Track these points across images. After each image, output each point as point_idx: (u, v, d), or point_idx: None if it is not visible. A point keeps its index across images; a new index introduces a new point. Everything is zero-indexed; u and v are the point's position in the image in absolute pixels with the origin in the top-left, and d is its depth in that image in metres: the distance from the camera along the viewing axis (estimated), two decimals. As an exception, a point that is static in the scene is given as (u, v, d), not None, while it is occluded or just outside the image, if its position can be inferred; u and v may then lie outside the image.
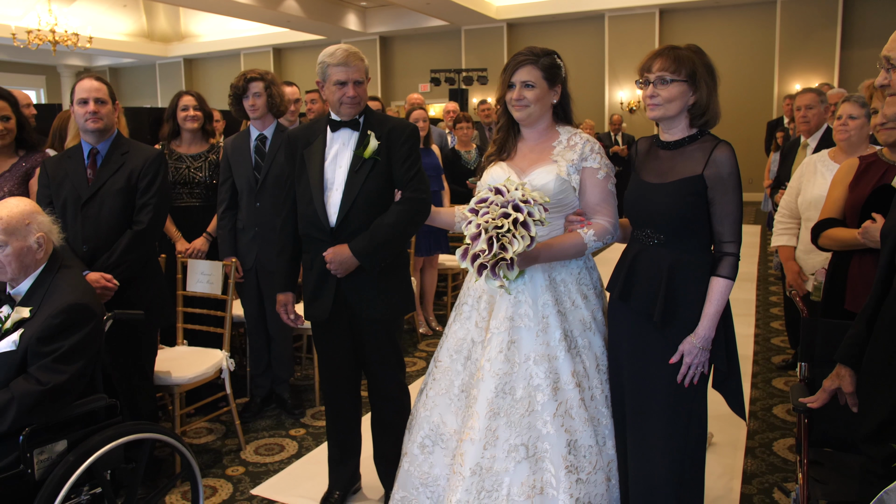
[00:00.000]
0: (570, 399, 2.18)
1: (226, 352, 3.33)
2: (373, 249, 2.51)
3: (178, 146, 3.85)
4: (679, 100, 2.04)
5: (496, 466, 2.15)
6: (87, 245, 2.79)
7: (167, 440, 2.35)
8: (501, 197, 2.00)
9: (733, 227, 2.03)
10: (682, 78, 2.02)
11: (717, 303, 2.02)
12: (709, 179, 2.01)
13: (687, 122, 2.09)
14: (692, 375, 2.03)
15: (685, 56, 2.03)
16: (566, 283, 2.28)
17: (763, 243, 8.83)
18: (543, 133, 2.33)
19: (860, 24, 12.41)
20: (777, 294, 6.27)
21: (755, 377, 4.21)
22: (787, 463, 3.13)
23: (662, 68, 2.03)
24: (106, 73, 20.47)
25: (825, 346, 2.32)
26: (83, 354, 2.15)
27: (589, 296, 2.31)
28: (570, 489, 2.11)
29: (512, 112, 2.30)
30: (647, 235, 2.12)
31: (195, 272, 3.49)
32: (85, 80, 2.87)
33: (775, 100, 12.80)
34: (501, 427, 2.17)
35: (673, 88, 2.02)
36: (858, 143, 3.18)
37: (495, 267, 1.98)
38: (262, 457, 3.31)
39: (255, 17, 14.36)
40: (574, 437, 2.16)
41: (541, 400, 2.17)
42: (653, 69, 2.05)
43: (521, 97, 2.25)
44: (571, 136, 2.30)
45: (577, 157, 2.26)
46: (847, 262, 2.63)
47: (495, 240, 1.96)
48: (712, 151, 2.02)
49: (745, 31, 13.20)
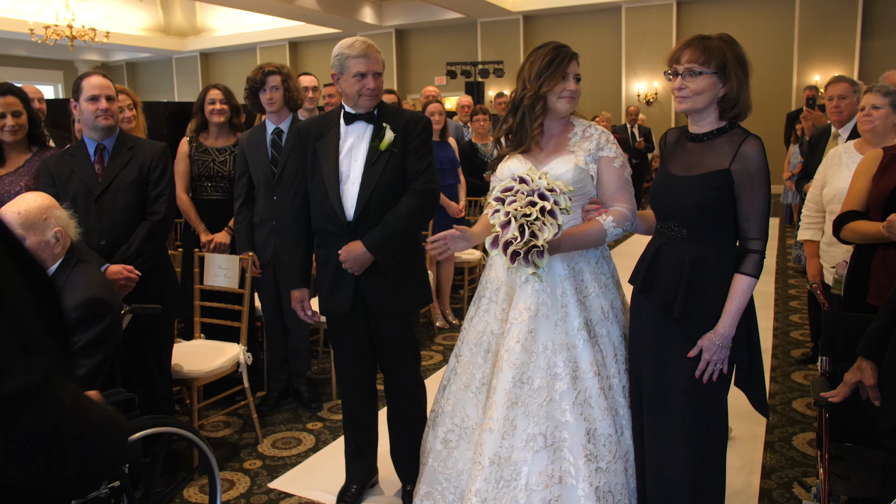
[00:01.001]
0: (590, 388, 2.18)
1: (243, 346, 3.34)
2: (386, 243, 2.50)
3: (206, 139, 3.87)
4: (708, 92, 1.99)
5: (514, 456, 2.16)
6: (104, 238, 2.81)
7: (185, 434, 2.36)
8: (526, 186, 2.02)
9: (759, 224, 1.97)
10: (711, 70, 1.97)
11: (739, 300, 1.97)
12: (735, 174, 1.97)
13: (716, 114, 2.04)
14: (710, 372, 1.99)
15: (715, 47, 1.98)
16: (584, 273, 2.29)
17: (782, 235, 8.73)
18: (563, 125, 2.34)
19: (881, 13, 12.18)
20: (796, 287, 6.20)
21: (774, 371, 4.17)
22: (807, 458, 3.09)
23: (691, 60, 1.98)
24: (122, 67, 20.64)
25: (846, 339, 2.28)
26: (101, 348, 2.16)
27: (608, 285, 2.31)
28: (590, 478, 2.11)
29: (560, 104, 2.26)
30: (671, 228, 2.09)
31: (212, 266, 3.51)
32: (93, 76, 2.87)
33: (794, 91, 12.61)
34: (519, 417, 2.18)
35: (702, 81, 1.97)
36: (885, 133, 3.12)
37: (528, 254, 1.98)
38: (279, 450, 3.32)
39: (270, 11, 14.39)
40: (593, 425, 2.16)
41: (560, 389, 2.18)
42: (681, 60, 2.00)
43: (576, 89, 2.27)
44: (586, 128, 2.32)
45: (594, 146, 2.27)
46: (870, 255, 2.59)
47: (526, 227, 1.97)
48: (740, 145, 1.97)
49: (764, 21, 13.01)
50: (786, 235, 8.67)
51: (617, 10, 13.99)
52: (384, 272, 2.55)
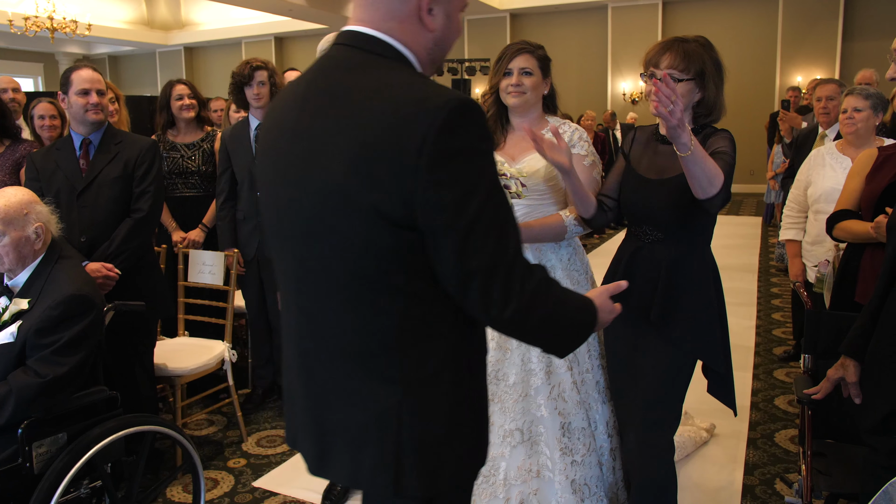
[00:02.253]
0: (564, 382, 2.22)
1: (228, 343, 3.32)
2: None
3: (175, 136, 3.83)
4: (685, 99, 1.96)
5: (492, 452, 2.18)
6: (84, 235, 2.77)
7: (168, 432, 2.34)
8: None
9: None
10: (690, 76, 1.95)
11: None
12: None
13: (690, 118, 2.02)
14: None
15: (694, 52, 1.96)
16: (557, 269, 2.31)
17: (764, 234, 8.81)
18: (534, 122, 2.36)
19: (862, 16, 12.39)
20: (778, 286, 6.26)
21: (757, 368, 4.20)
22: (789, 454, 3.12)
23: (671, 65, 1.96)
24: (105, 60, 20.40)
25: (828, 338, 2.31)
26: (83, 346, 2.14)
27: (580, 280, 2.33)
28: (566, 471, 2.15)
29: (507, 99, 2.31)
30: (646, 233, 2.09)
31: (197, 263, 3.48)
32: (83, 69, 2.83)
33: (777, 91, 12.75)
34: (496, 413, 2.21)
35: (680, 87, 1.94)
36: (866, 135, 3.17)
37: None
38: (264, 449, 3.30)
39: (256, 6, 14.27)
40: (567, 419, 2.20)
41: (534, 384, 2.21)
42: (661, 65, 1.97)
43: (520, 83, 2.28)
44: (560, 126, 2.34)
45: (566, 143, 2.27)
46: (859, 254, 2.63)
47: None
48: (708, 140, 1.98)
49: (748, 22, 13.13)
50: (768, 234, 8.74)
51: (603, 9, 14.04)
52: None
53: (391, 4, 1.18)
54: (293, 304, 1.28)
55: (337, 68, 1.20)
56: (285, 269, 1.29)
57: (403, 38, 1.19)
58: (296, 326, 1.28)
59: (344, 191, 1.11)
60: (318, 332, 1.24)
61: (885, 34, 11.80)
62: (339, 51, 1.22)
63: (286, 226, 1.24)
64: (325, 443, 1.26)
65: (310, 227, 1.19)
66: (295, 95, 1.24)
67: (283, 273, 1.31)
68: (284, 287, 1.32)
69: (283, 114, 1.26)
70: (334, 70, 1.20)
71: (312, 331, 1.25)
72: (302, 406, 1.30)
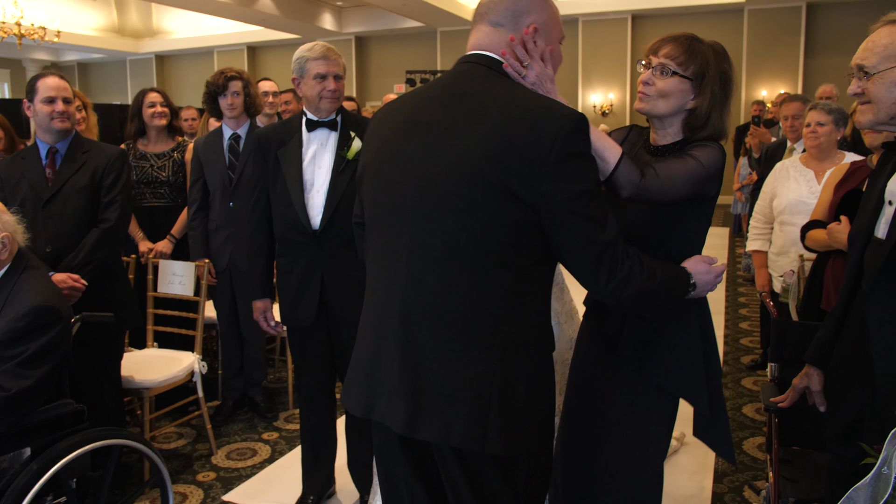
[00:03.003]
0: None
1: (198, 354, 3.28)
2: None
3: (145, 145, 3.79)
4: (674, 97, 1.73)
5: None
6: (50, 246, 2.72)
7: (136, 446, 2.30)
8: None
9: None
10: (686, 74, 1.72)
11: None
12: None
13: (681, 126, 1.78)
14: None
15: (700, 51, 1.76)
16: None
17: (731, 245, 8.96)
18: None
19: (823, 33, 12.76)
20: (745, 295, 6.36)
21: (725, 377, 4.26)
22: (757, 462, 3.17)
23: (669, 55, 1.74)
24: (74, 68, 20.10)
25: (794, 346, 2.35)
26: (49, 358, 2.10)
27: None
28: None
29: None
30: None
31: (167, 273, 3.44)
32: (49, 77, 2.78)
33: (743, 105, 13.01)
34: None
35: (671, 82, 1.72)
36: (829, 149, 3.27)
37: None
38: (233, 462, 3.26)
39: (229, 15, 14.19)
40: None
41: None
42: (659, 53, 1.76)
43: None
44: None
45: None
46: (825, 263, 2.70)
47: None
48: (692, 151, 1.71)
49: (714, 37, 12.85)
50: (735, 245, 8.89)
51: (574, 22, 14.20)
52: (352, 281, 2.50)
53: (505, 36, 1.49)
54: (401, 273, 1.44)
55: (471, 78, 1.48)
56: (393, 240, 1.47)
57: None
58: (400, 293, 1.43)
59: (481, 169, 1.35)
60: (425, 298, 1.41)
61: (845, 51, 12.12)
62: (469, 66, 1.51)
63: (407, 201, 1.44)
64: (419, 402, 1.40)
65: (438, 202, 1.39)
66: (430, 96, 1.50)
67: (388, 244, 1.49)
68: (387, 258, 1.49)
69: (416, 109, 1.50)
70: (468, 79, 1.48)
71: (419, 297, 1.42)
72: (394, 369, 1.43)
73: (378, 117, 1.63)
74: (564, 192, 1.34)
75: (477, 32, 1.55)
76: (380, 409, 1.46)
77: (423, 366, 1.40)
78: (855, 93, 1.65)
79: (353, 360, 1.57)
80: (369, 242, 1.57)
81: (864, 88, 1.62)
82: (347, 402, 1.56)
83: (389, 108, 1.62)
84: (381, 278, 1.51)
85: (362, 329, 1.56)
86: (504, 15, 1.50)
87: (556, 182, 1.34)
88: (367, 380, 1.50)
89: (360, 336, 1.57)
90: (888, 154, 1.74)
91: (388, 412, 1.44)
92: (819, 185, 3.24)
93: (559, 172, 1.34)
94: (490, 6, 1.53)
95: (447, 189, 1.38)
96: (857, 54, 1.64)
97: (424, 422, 1.40)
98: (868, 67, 1.60)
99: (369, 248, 1.57)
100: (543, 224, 1.37)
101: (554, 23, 1.55)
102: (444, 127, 1.42)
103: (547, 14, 1.53)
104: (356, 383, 1.53)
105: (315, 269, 2.54)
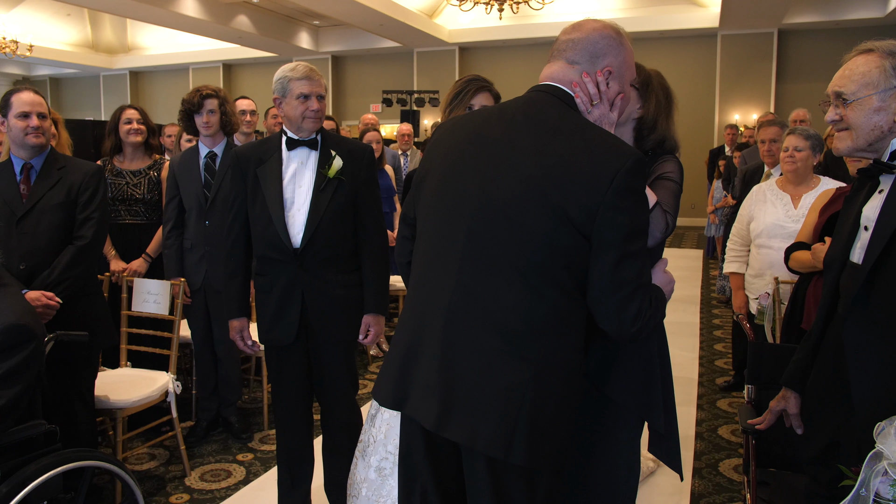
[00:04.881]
0: None
1: (172, 374, 3.22)
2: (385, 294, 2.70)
3: (121, 162, 3.75)
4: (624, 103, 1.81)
5: None
6: (24, 263, 2.67)
7: (109, 467, 2.25)
8: None
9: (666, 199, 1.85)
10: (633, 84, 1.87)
11: None
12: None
13: (632, 135, 1.95)
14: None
15: (642, 67, 1.94)
16: None
17: (706, 267, 9.07)
18: None
19: (793, 59, 13.12)
20: (720, 317, 6.44)
21: (700, 399, 4.30)
22: (734, 483, 3.19)
23: None
24: (46, 83, 19.85)
25: (770, 369, 2.39)
26: (21, 378, 2.05)
27: None
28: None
29: None
30: None
31: (141, 292, 3.38)
32: (23, 92, 2.75)
33: (716, 128, 13.28)
34: None
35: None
36: (805, 173, 3.35)
37: None
38: (207, 483, 3.20)
39: (205, 32, 14.16)
40: None
41: None
42: None
43: None
44: None
45: None
46: (806, 285, 2.75)
47: None
48: (653, 166, 1.91)
49: (688, 62, 13.68)
50: (709, 267, 9.01)
51: (550, 45, 14.24)
52: (333, 301, 2.54)
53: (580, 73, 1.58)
54: (451, 278, 1.50)
55: (542, 105, 1.55)
56: (447, 245, 1.53)
57: None
58: (447, 297, 1.50)
59: (542, 191, 1.43)
60: (473, 305, 1.47)
61: (815, 77, 12.49)
62: (541, 95, 1.58)
63: (466, 210, 1.50)
64: (451, 402, 1.45)
65: (497, 216, 1.46)
66: (500, 116, 1.57)
67: (441, 249, 1.55)
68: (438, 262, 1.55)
69: (486, 125, 1.57)
70: (539, 105, 1.56)
71: (467, 304, 1.48)
72: (432, 367, 1.49)
73: (445, 128, 1.70)
74: (616, 224, 1.42)
75: (553, 65, 1.62)
76: (412, 404, 1.51)
77: (461, 369, 1.46)
78: (833, 120, 1.69)
79: (389, 357, 1.61)
80: (421, 244, 1.63)
81: (843, 115, 1.66)
82: (378, 394, 1.60)
83: (457, 121, 1.69)
84: (428, 280, 1.57)
85: (402, 325, 1.61)
86: (582, 55, 1.58)
87: (611, 213, 1.41)
88: (401, 376, 1.54)
89: (399, 332, 1.61)
90: (863, 180, 1.78)
91: (420, 408, 1.49)
92: (795, 209, 3.31)
93: (616, 205, 1.41)
94: (569, 44, 1.61)
95: (506, 205, 1.45)
96: (833, 82, 1.68)
97: (454, 422, 1.45)
98: (846, 94, 1.64)
99: (420, 249, 1.63)
100: (591, 252, 1.44)
101: (627, 66, 1.63)
102: (512, 146, 1.50)
103: (622, 58, 1.61)
104: (389, 377, 1.58)
105: (295, 287, 2.52)
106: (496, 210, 1.46)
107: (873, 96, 1.60)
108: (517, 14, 11.94)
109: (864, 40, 1.69)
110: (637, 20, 13.26)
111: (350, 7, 11.44)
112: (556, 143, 1.46)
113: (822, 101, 1.77)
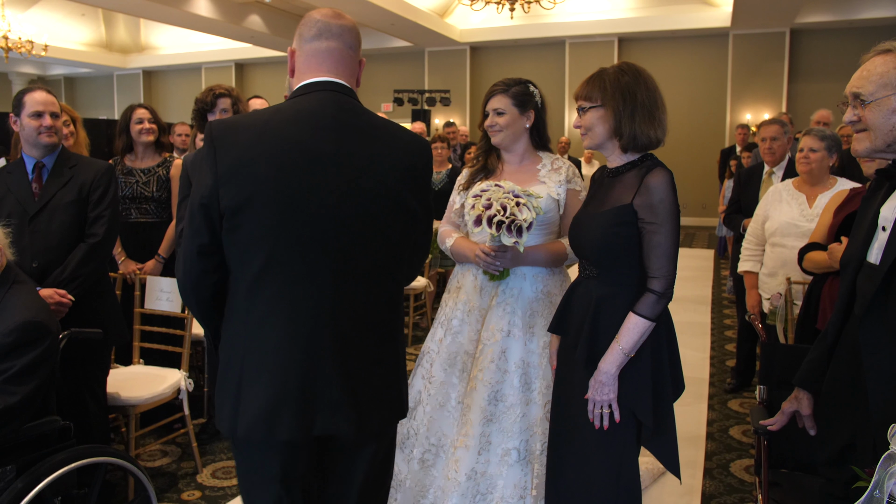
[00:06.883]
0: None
1: (184, 371, 3.24)
2: None
3: (132, 161, 3.78)
4: (598, 126, 1.94)
5: (490, 470, 2.31)
6: (37, 261, 2.69)
7: (122, 463, 2.27)
8: (501, 189, 2.22)
9: (661, 261, 1.86)
10: (596, 104, 1.93)
11: (626, 340, 1.85)
12: (638, 208, 1.87)
13: (617, 146, 1.96)
14: (597, 414, 1.90)
15: (601, 78, 1.94)
16: (554, 295, 2.44)
17: (716, 267, 9.03)
18: (524, 157, 2.56)
19: (806, 59, 13.01)
20: (731, 318, 6.40)
21: (712, 399, 4.28)
22: (745, 484, 3.18)
23: (579, 96, 1.98)
24: (61, 82, 20.01)
25: (783, 369, 2.37)
26: (37, 375, 2.07)
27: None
28: None
29: (493, 139, 2.53)
30: (584, 267, 2.05)
31: (154, 290, 3.41)
32: (36, 91, 2.78)
33: (728, 128, 13.20)
34: (494, 433, 2.34)
35: (589, 116, 1.95)
36: (821, 174, 3.33)
37: (511, 225, 2.15)
38: (219, 480, 3.22)
39: (217, 32, 14.22)
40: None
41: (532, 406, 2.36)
42: (578, 98, 2.00)
43: (493, 123, 2.49)
44: (554, 161, 2.55)
45: (564, 178, 2.51)
46: (822, 284, 2.73)
47: (507, 206, 2.17)
48: (644, 177, 1.89)
49: (700, 61, 13.62)
50: (720, 267, 8.96)
51: (561, 44, 14.38)
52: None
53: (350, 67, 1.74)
54: (326, 296, 1.55)
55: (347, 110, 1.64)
56: (317, 263, 1.54)
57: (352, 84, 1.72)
58: (327, 314, 1.55)
59: (395, 195, 1.61)
60: (353, 311, 1.58)
61: (827, 77, 12.40)
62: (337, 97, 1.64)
63: (328, 225, 1.54)
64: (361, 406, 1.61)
65: (358, 224, 1.56)
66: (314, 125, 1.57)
67: (304, 273, 1.54)
68: (301, 286, 1.54)
69: (311, 140, 1.55)
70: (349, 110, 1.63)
71: (348, 312, 1.58)
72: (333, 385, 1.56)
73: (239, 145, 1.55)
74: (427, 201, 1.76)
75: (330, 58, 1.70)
76: (322, 424, 1.56)
77: (358, 373, 1.60)
78: (851, 121, 1.68)
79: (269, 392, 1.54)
80: (271, 274, 1.54)
81: (861, 116, 1.65)
82: (280, 431, 1.53)
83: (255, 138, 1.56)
84: (295, 306, 1.54)
85: (267, 363, 1.56)
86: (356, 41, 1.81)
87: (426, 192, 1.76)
88: (300, 407, 1.54)
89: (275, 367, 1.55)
90: (880, 180, 1.76)
91: (336, 423, 1.56)
92: (811, 209, 3.28)
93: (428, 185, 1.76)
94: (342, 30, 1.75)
95: (365, 213, 1.59)
96: (851, 83, 1.67)
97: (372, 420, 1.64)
98: (865, 95, 1.63)
99: (269, 279, 1.54)
100: None
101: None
102: (355, 157, 1.60)
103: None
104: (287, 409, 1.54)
105: None
106: (359, 220, 1.57)
107: (892, 97, 1.59)
108: (528, 13, 11.92)
109: (876, 40, 1.68)
110: (648, 20, 13.22)
111: (361, 6, 11.45)
112: (392, 145, 1.64)
113: (840, 102, 1.76)
